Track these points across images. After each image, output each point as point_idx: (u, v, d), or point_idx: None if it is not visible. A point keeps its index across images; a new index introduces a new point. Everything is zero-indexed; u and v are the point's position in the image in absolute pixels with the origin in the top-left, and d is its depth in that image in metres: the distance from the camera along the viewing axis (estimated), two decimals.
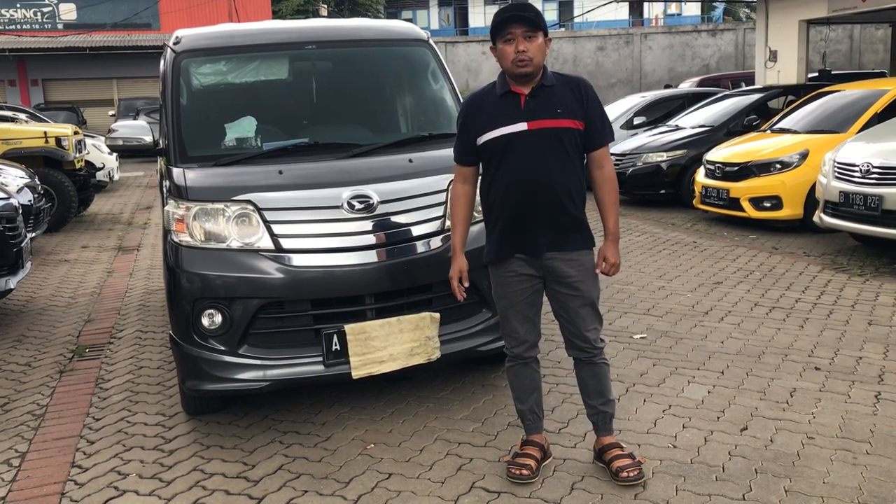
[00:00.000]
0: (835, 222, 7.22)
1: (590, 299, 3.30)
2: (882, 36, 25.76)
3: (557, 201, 3.19)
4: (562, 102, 3.18)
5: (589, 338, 3.33)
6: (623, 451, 3.39)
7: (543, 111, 3.17)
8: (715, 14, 46.34)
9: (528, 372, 3.47)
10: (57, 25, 30.18)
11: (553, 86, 3.21)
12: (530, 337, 3.41)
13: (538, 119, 3.16)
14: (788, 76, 14.23)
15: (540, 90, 3.20)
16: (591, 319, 3.33)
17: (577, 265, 3.25)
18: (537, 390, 3.51)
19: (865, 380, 4.36)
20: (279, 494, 3.38)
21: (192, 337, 3.80)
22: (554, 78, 3.24)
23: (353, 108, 4.85)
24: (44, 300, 7.03)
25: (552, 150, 3.17)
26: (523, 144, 3.18)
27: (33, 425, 4.27)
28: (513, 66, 3.15)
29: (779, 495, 3.19)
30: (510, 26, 3.13)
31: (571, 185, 3.21)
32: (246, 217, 3.83)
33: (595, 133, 3.24)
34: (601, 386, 3.41)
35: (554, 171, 3.18)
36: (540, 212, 3.20)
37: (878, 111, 8.63)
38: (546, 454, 3.51)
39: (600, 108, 3.26)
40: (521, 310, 3.35)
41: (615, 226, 3.31)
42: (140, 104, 23.16)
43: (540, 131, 3.16)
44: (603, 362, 3.40)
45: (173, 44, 4.64)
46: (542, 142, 3.16)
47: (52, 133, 11.19)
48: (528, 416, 3.52)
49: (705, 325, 5.45)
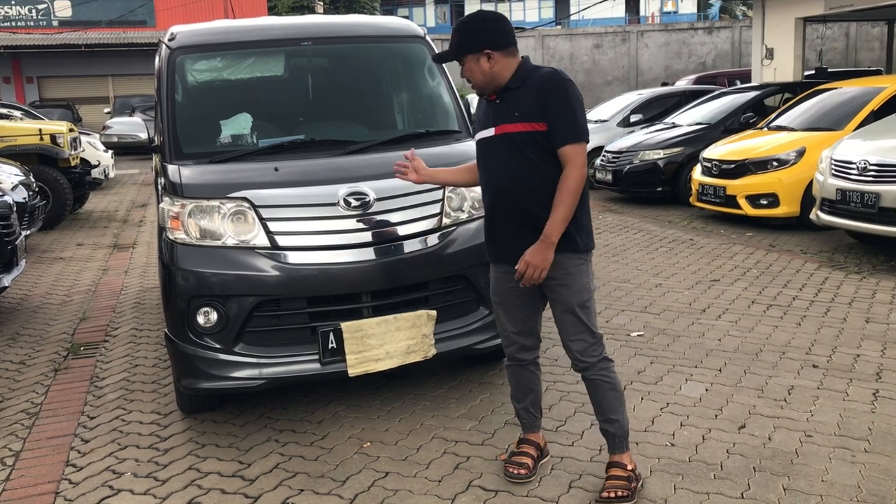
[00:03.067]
0: (832, 220, 7.22)
1: (569, 306, 3.13)
2: (878, 34, 25.79)
3: (521, 206, 3.09)
4: (520, 105, 3.07)
5: (571, 348, 3.18)
6: (623, 472, 3.19)
7: (504, 116, 3.11)
8: (711, 12, 46.39)
9: (524, 373, 3.41)
10: (52, 22, 30.11)
11: (517, 88, 3.09)
12: (522, 339, 3.33)
13: (501, 124, 3.11)
14: (785, 74, 14.23)
15: (504, 94, 3.13)
16: (574, 328, 3.15)
17: (558, 269, 3.08)
18: (534, 392, 3.44)
19: (863, 377, 4.36)
20: (275, 493, 3.37)
21: (188, 335, 3.78)
22: (522, 78, 3.10)
23: (350, 105, 4.83)
24: (38, 298, 7.00)
25: (513, 155, 3.08)
26: (491, 150, 3.16)
27: (27, 424, 4.24)
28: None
29: (777, 493, 3.18)
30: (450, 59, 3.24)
31: (536, 189, 3.06)
32: (241, 214, 3.81)
33: (555, 131, 3.02)
34: (601, 403, 3.22)
35: (516, 176, 3.08)
36: (507, 216, 3.15)
37: (874, 109, 8.63)
38: (543, 453, 3.49)
39: (563, 105, 3.02)
40: (511, 310, 3.29)
41: (550, 227, 3.00)
42: (135, 101, 23.14)
43: (502, 137, 3.11)
44: (600, 378, 3.18)
45: (168, 40, 4.61)
46: (504, 147, 3.10)
47: (47, 130, 11.14)
48: (523, 416, 3.48)
49: (702, 323, 5.44)
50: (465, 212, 4.11)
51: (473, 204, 4.13)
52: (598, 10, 33.47)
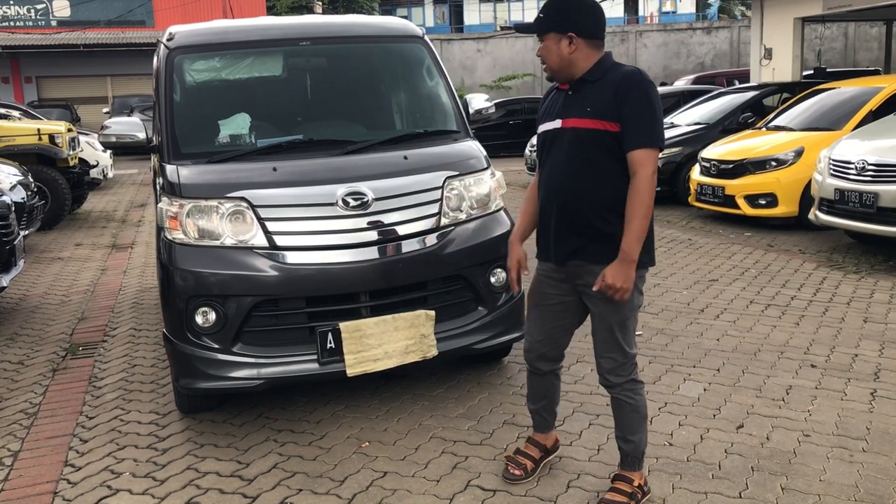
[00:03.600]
0: (830, 220, 7.23)
1: (607, 322, 2.98)
2: (876, 34, 25.82)
3: (573, 207, 2.93)
4: (595, 100, 2.88)
5: (601, 364, 3.06)
6: (627, 487, 3.10)
7: (575, 109, 2.92)
8: (710, 12, 46.40)
9: (541, 381, 3.31)
10: (51, 22, 30.09)
11: (596, 81, 2.91)
12: (543, 347, 3.20)
13: (569, 117, 2.93)
14: (783, 74, 14.25)
15: (579, 85, 2.94)
16: (606, 346, 3.02)
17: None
18: (549, 398, 3.34)
19: (861, 377, 4.36)
20: (273, 493, 3.37)
21: (186, 335, 3.78)
22: (601, 72, 2.92)
23: (348, 105, 4.83)
24: (37, 298, 7.00)
25: (577, 152, 2.90)
26: (556, 144, 2.98)
27: (26, 424, 4.24)
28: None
29: (775, 493, 3.18)
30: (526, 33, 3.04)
31: (593, 192, 2.89)
32: (240, 214, 3.81)
33: (629, 134, 2.83)
34: (620, 421, 3.12)
35: (576, 177, 2.91)
36: (557, 215, 2.98)
37: (872, 108, 8.65)
38: (549, 452, 3.43)
39: (641, 106, 2.83)
40: (543, 316, 3.16)
41: (629, 244, 2.81)
42: (134, 101, 23.11)
43: (569, 131, 2.93)
44: (623, 398, 3.06)
45: (167, 40, 4.61)
46: (569, 143, 2.92)
47: (45, 130, 11.13)
48: (534, 416, 3.42)
49: (701, 323, 5.44)
50: (463, 212, 4.11)
51: (472, 204, 4.14)
52: None
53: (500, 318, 4.12)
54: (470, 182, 4.18)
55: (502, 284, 4.13)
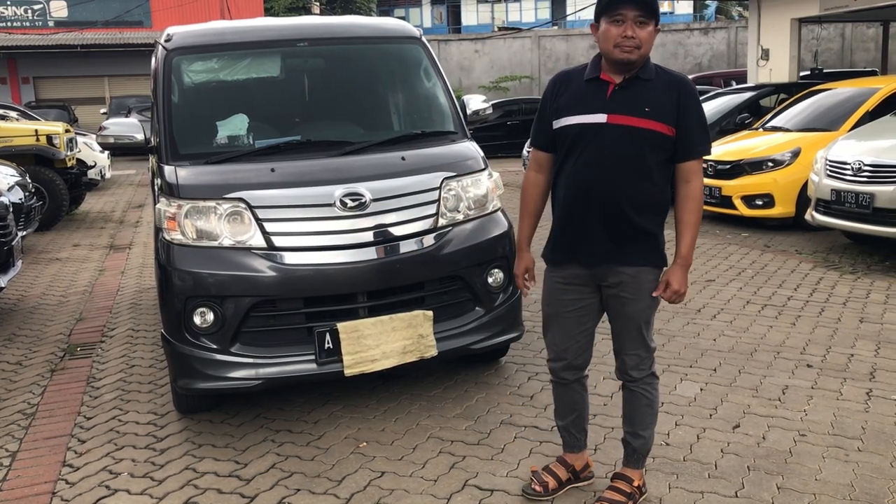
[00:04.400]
0: (826, 220, 7.24)
1: (636, 322, 2.97)
2: (873, 34, 25.85)
3: (619, 209, 2.84)
4: (653, 101, 2.81)
5: (626, 361, 3.04)
6: (627, 487, 3.10)
7: (629, 106, 2.81)
8: (707, 12, 46.41)
9: (568, 392, 3.20)
10: (48, 23, 30.05)
11: (650, 80, 2.84)
12: (571, 356, 3.11)
13: (621, 114, 2.81)
14: (780, 74, 14.27)
15: (633, 82, 2.83)
16: (634, 344, 3.01)
17: (630, 282, 2.92)
18: (578, 412, 3.23)
19: (857, 377, 4.38)
20: (271, 493, 3.37)
21: (184, 335, 3.78)
22: (654, 72, 2.86)
23: (346, 106, 4.84)
24: (35, 299, 7.00)
25: (627, 151, 2.81)
26: (597, 138, 2.83)
27: (24, 424, 4.24)
28: (614, 51, 2.76)
29: (771, 492, 3.19)
30: (622, 7, 2.73)
31: (641, 194, 2.85)
32: (238, 215, 3.81)
33: (688, 142, 2.85)
34: (632, 415, 3.12)
35: (623, 175, 2.83)
36: (599, 217, 2.87)
37: (869, 109, 8.67)
38: (579, 476, 3.27)
39: (699, 116, 2.87)
40: (565, 323, 3.07)
41: (688, 249, 2.88)
42: (132, 102, 23.09)
43: (619, 128, 2.81)
44: (641, 392, 3.08)
45: (165, 41, 4.61)
46: (619, 140, 2.81)
47: (43, 131, 11.13)
48: (563, 433, 3.29)
49: (697, 323, 5.46)
50: (461, 212, 4.12)
51: (469, 205, 4.15)
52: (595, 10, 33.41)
53: (498, 319, 4.14)
54: (467, 183, 4.19)
55: (500, 285, 4.15)
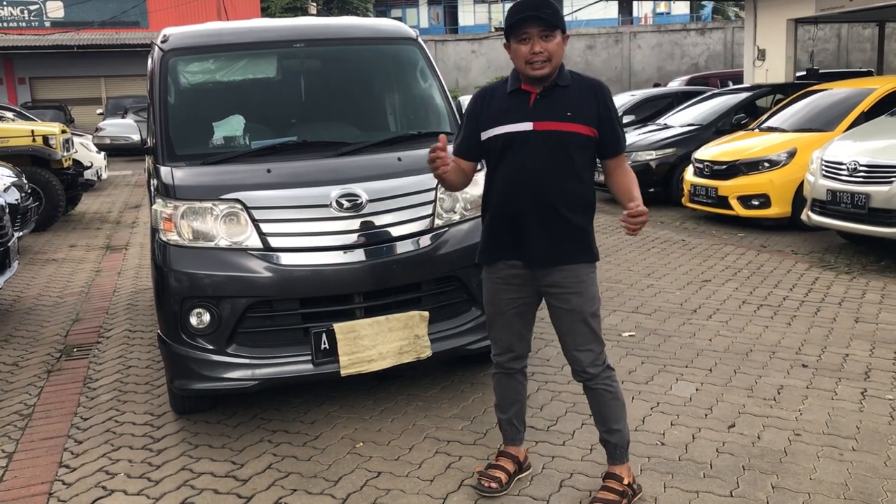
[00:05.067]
0: (822, 220, 7.26)
1: (582, 315, 3.07)
2: (869, 35, 25.91)
3: (554, 208, 2.99)
4: (573, 105, 2.98)
5: (579, 358, 3.11)
6: (618, 486, 3.14)
7: (552, 112, 2.98)
8: (704, 13, 46.51)
9: (511, 383, 3.33)
10: (44, 23, 30.02)
11: (567, 86, 3.01)
12: (516, 348, 3.26)
13: (545, 120, 2.97)
14: (776, 75, 14.30)
15: (552, 90, 3.00)
16: (584, 338, 3.10)
17: (571, 277, 3.04)
18: (519, 402, 3.37)
19: (852, 377, 4.39)
20: (268, 493, 3.38)
21: (181, 336, 3.79)
22: (569, 78, 3.03)
23: (342, 107, 4.85)
24: (31, 300, 7.00)
25: (555, 154, 2.97)
26: (526, 145, 2.99)
27: (20, 425, 4.24)
28: (527, 68, 2.94)
29: (766, 492, 3.21)
30: (525, 25, 2.90)
31: (572, 193, 3.01)
32: (234, 216, 3.82)
33: (611, 140, 3.05)
34: (603, 413, 3.18)
35: (553, 177, 2.98)
36: (535, 218, 3.01)
37: (865, 110, 8.70)
38: (522, 467, 3.39)
39: (616, 115, 3.08)
40: (508, 319, 3.20)
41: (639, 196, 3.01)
42: (128, 102, 23.05)
43: (545, 133, 2.97)
44: (603, 388, 3.15)
45: (161, 42, 4.62)
46: (546, 145, 2.97)
47: (39, 132, 11.12)
48: (505, 427, 3.39)
49: (693, 323, 5.47)
50: (457, 213, 4.13)
51: (465, 205, 4.15)
52: (591, 11, 33.52)
53: None
54: None
55: None
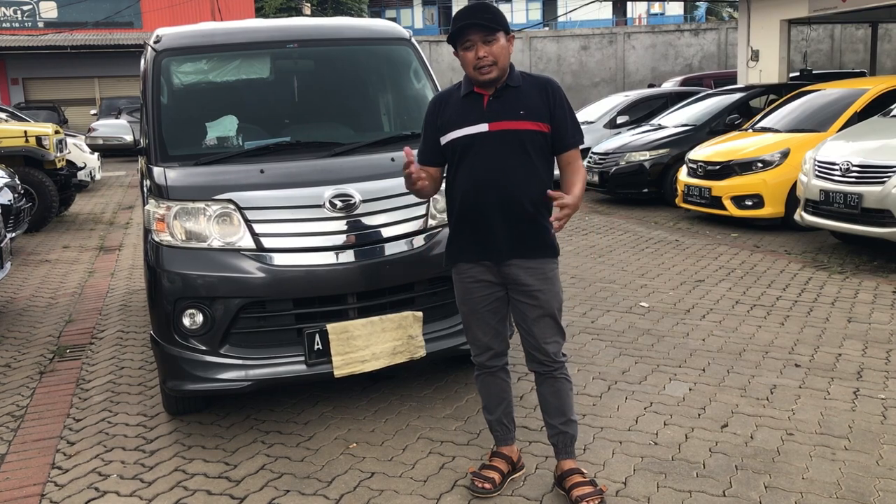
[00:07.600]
0: (815, 220, 7.28)
1: (549, 310, 3.15)
2: (862, 36, 25.97)
3: (517, 205, 3.07)
4: (526, 104, 3.07)
5: (548, 350, 3.17)
6: (584, 477, 3.19)
7: (505, 112, 3.06)
8: (698, 13, 46.61)
9: (495, 381, 3.35)
10: (38, 24, 29.95)
11: (518, 86, 3.10)
12: (495, 345, 3.29)
13: (500, 120, 3.06)
14: (770, 75, 14.33)
15: (504, 91, 3.08)
16: (551, 331, 3.18)
17: (537, 273, 3.11)
18: (506, 401, 3.38)
19: (844, 376, 4.41)
20: (261, 494, 3.38)
21: (174, 337, 3.78)
22: (520, 78, 3.13)
23: (335, 107, 4.84)
24: (24, 301, 6.98)
25: (513, 152, 3.06)
26: (484, 146, 3.07)
27: (13, 426, 4.23)
28: (475, 73, 3.03)
29: (758, 491, 3.21)
30: (466, 33, 3.00)
31: (533, 190, 3.07)
32: (227, 216, 3.81)
33: (564, 134, 3.12)
34: (562, 403, 3.24)
35: (514, 175, 3.06)
36: (498, 216, 3.08)
37: (857, 110, 8.72)
38: (516, 467, 3.40)
39: (568, 110, 3.15)
40: (482, 317, 3.24)
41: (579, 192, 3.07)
42: (122, 103, 23.04)
43: (501, 133, 3.05)
44: (564, 378, 3.23)
45: (154, 42, 4.61)
46: (503, 144, 3.05)
47: (32, 132, 11.08)
48: (496, 428, 3.40)
49: (687, 323, 5.48)
50: None
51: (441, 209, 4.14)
52: (586, 11, 33.58)
53: None
54: None
55: None
